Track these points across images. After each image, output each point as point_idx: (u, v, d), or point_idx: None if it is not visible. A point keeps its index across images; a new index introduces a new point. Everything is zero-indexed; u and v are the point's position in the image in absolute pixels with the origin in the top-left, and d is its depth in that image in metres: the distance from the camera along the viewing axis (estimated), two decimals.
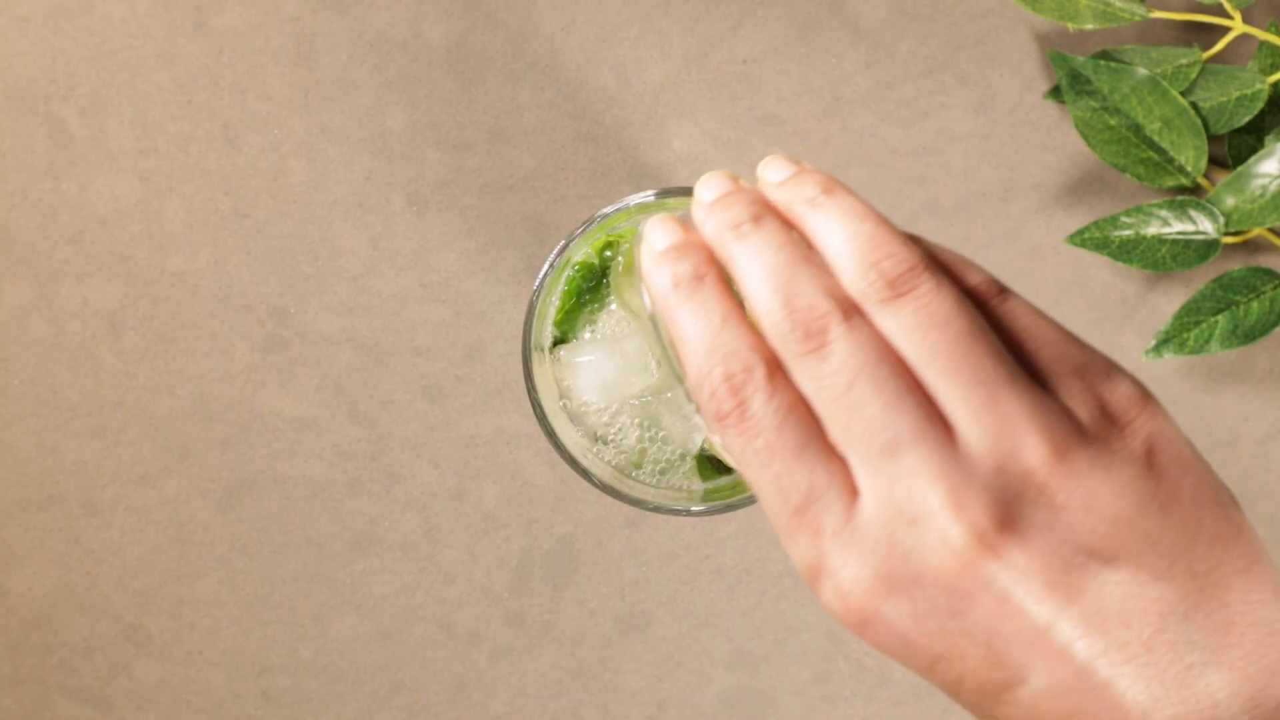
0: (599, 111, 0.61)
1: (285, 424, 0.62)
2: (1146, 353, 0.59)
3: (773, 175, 0.36)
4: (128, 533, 0.62)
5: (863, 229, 0.33)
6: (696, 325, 0.34)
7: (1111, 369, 0.32)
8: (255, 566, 0.62)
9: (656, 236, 0.36)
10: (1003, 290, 0.33)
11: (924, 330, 0.32)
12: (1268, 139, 0.59)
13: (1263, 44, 0.59)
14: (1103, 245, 0.59)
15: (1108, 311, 0.61)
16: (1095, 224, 0.59)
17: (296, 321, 0.61)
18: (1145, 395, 0.32)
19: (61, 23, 0.61)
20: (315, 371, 0.61)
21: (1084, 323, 0.61)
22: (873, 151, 0.61)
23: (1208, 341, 0.59)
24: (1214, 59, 0.60)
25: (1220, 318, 0.59)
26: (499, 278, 0.61)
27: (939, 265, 0.33)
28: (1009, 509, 0.30)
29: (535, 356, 0.52)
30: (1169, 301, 0.61)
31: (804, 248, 0.34)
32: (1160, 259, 0.59)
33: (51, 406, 0.62)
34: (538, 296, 0.51)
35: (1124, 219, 0.59)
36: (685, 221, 0.37)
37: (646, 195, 0.51)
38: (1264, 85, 0.58)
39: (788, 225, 0.35)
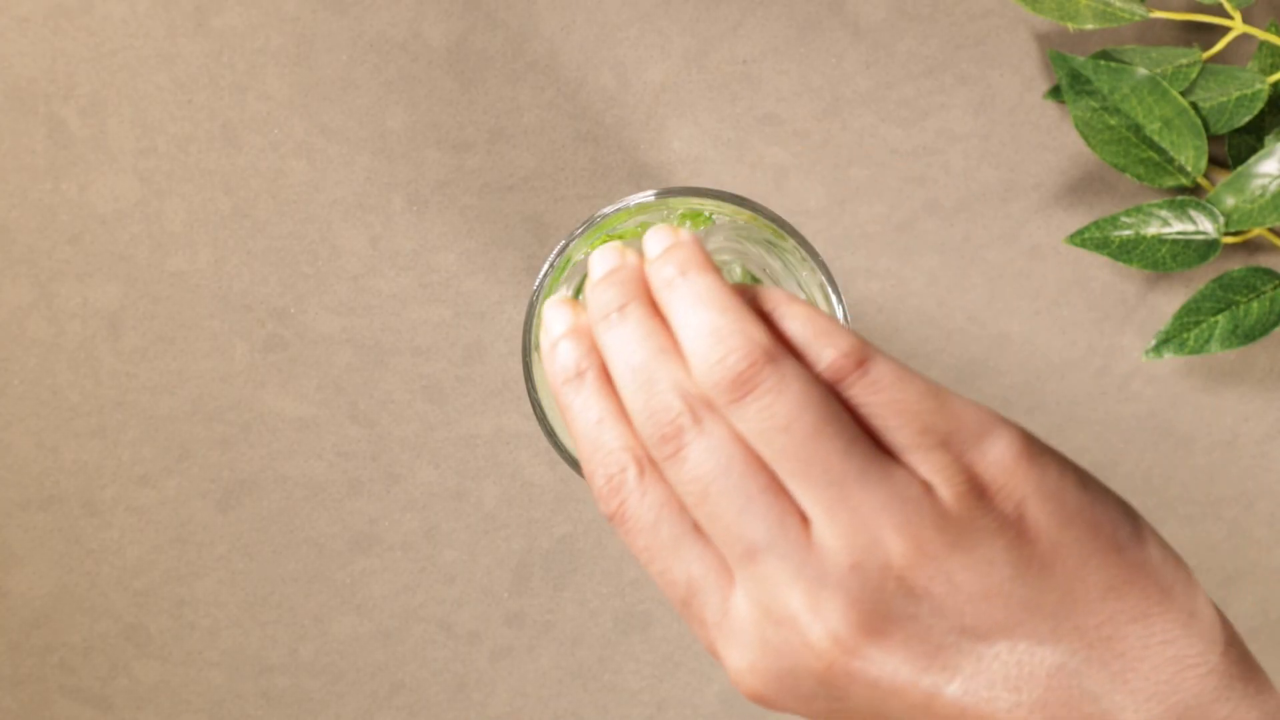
0: (599, 111, 0.61)
1: (285, 424, 0.62)
2: (1146, 353, 0.60)
3: (649, 248, 0.37)
4: (128, 533, 0.62)
5: (707, 319, 0.33)
6: (579, 422, 0.35)
7: (983, 431, 0.31)
8: (255, 566, 0.62)
9: (552, 320, 0.37)
10: (862, 361, 0.32)
11: (770, 433, 0.31)
12: (1268, 139, 0.59)
13: (1263, 44, 0.59)
14: (1103, 245, 0.59)
15: (1108, 311, 0.61)
16: (1095, 224, 0.59)
17: (296, 321, 0.61)
18: (1019, 454, 0.31)
19: (61, 23, 0.61)
20: (315, 371, 0.61)
21: (1084, 323, 0.61)
22: (873, 151, 0.61)
23: (1208, 341, 0.59)
24: (1214, 59, 0.60)
25: (1220, 318, 0.59)
26: (499, 278, 0.61)
27: (787, 351, 0.32)
28: (868, 607, 0.30)
29: (535, 356, 0.52)
30: (1169, 301, 0.61)
31: (664, 338, 0.34)
32: (1160, 259, 0.59)
33: (51, 406, 0.62)
34: (538, 296, 0.51)
35: (1124, 219, 0.59)
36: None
37: (646, 195, 0.51)
38: (1264, 85, 0.58)
39: (655, 310, 0.35)
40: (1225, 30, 0.60)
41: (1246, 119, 0.58)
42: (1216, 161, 0.61)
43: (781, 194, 0.61)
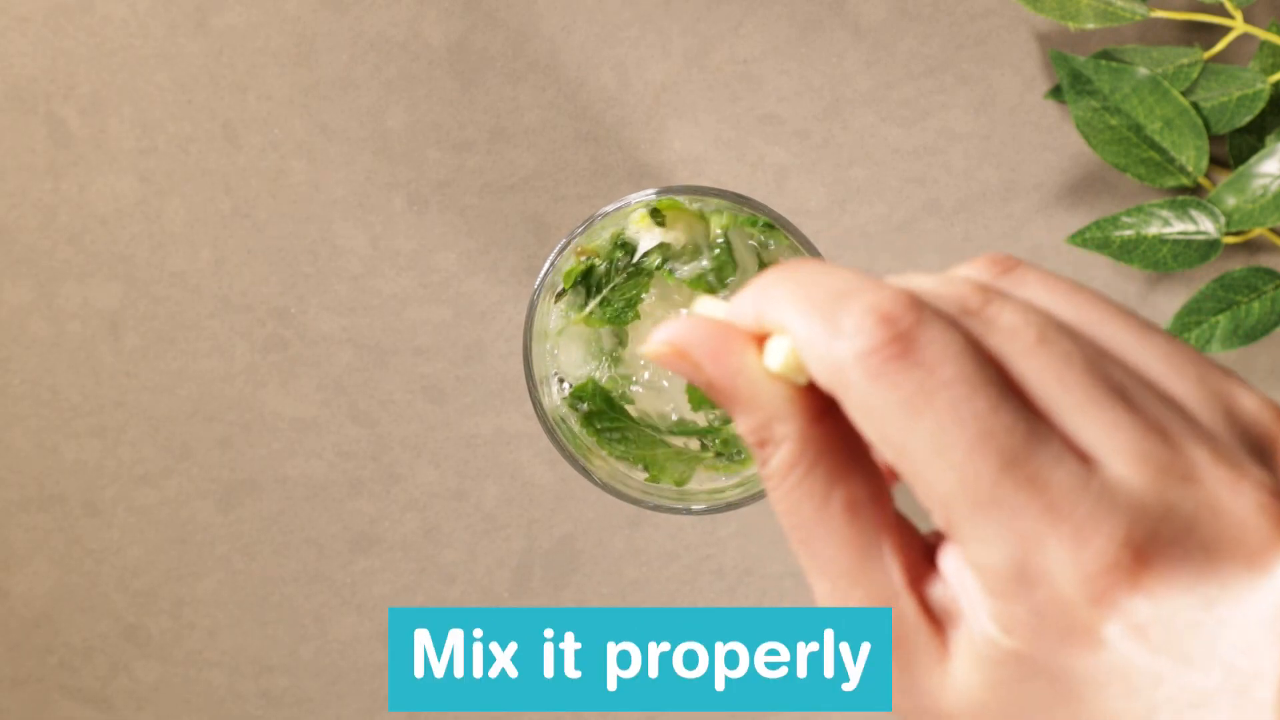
0: (599, 111, 0.61)
1: (285, 424, 0.62)
2: None
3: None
4: (128, 533, 0.62)
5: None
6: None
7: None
8: (255, 566, 0.62)
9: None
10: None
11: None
12: (1269, 139, 0.59)
13: (1264, 44, 0.59)
14: (1104, 245, 0.59)
15: None
16: (1096, 224, 0.59)
17: (296, 321, 0.61)
18: None
19: (61, 23, 0.61)
20: (315, 371, 0.61)
21: None
22: (873, 151, 0.61)
23: (1209, 342, 0.59)
24: (1215, 59, 0.60)
25: (1221, 318, 0.59)
26: (499, 278, 0.61)
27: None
28: (1147, 530, 0.25)
29: (535, 351, 0.52)
30: (1170, 301, 0.61)
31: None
32: (1161, 259, 0.59)
33: (51, 406, 0.62)
34: (538, 296, 0.51)
35: (1125, 219, 0.59)
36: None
37: (647, 195, 0.51)
38: (1265, 85, 0.58)
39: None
40: (1226, 30, 0.60)
41: (1247, 119, 0.58)
42: (1217, 161, 0.61)
43: (781, 194, 0.61)
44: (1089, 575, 0.25)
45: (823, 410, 0.29)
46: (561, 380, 0.53)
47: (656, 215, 0.52)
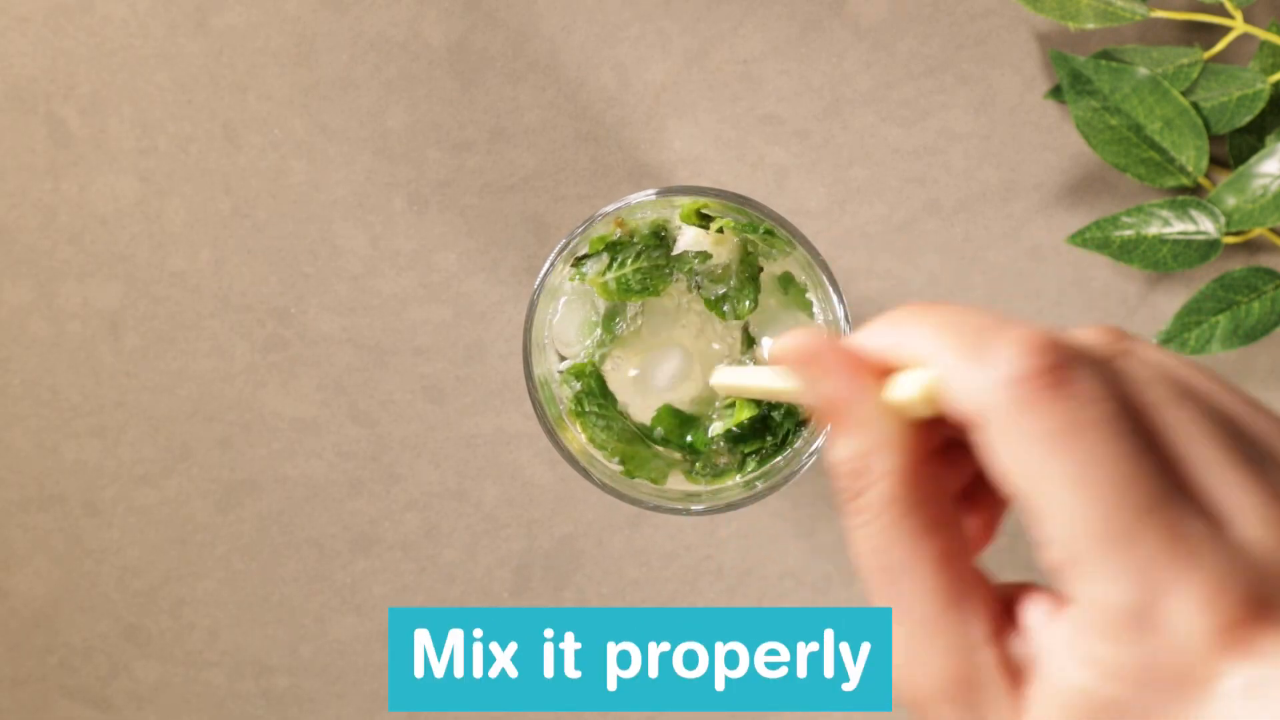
0: (599, 111, 0.61)
1: (285, 424, 0.62)
2: None
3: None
4: (128, 533, 0.62)
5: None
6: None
7: None
8: (255, 566, 0.62)
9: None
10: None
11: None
12: (1269, 139, 0.59)
13: (1264, 44, 0.59)
14: (1104, 245, 0.59)
15: (1109, 311, 0.61)
16: (1096, 224, 0.59)
17: (296, 321, 0.61)
18: None
19: (61, 23, 0.61)
20: (315, 371, 0.61)
21: (1085, 323, 0.61)
22: (873, 151, 0.61)
23: (1209, 342, 0.59)
24: (1215, 59, 0.60)
25: (1221, 318, 0.59)
26: (499, 278, 0.61)
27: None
28: (1258, 590, 0.26)
29: (535, 355, 0.52)
30: (1170, 301, 0.61)
31: None
32: (1161, 259, 0.59)
33: (51, 406, 0.62)
34: (538, 296, 0.51)
35: (1125, 219, 0.59)
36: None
37: (647, 194, 0.51)
38: (1265, 85, 0.58)
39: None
40: (1226, 30, 0.60)
41: (1247, 119, 0.58)
42: (1217, 161, 0.61)
43: (781, 194, 0.61)
44: (1214, 627, 0.25)
45: (927, 454, 0.29)
46: (561, 357, 0.53)
47: (702, 217, 0.52)
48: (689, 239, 0.52)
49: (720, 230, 0.52)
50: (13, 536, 0.62)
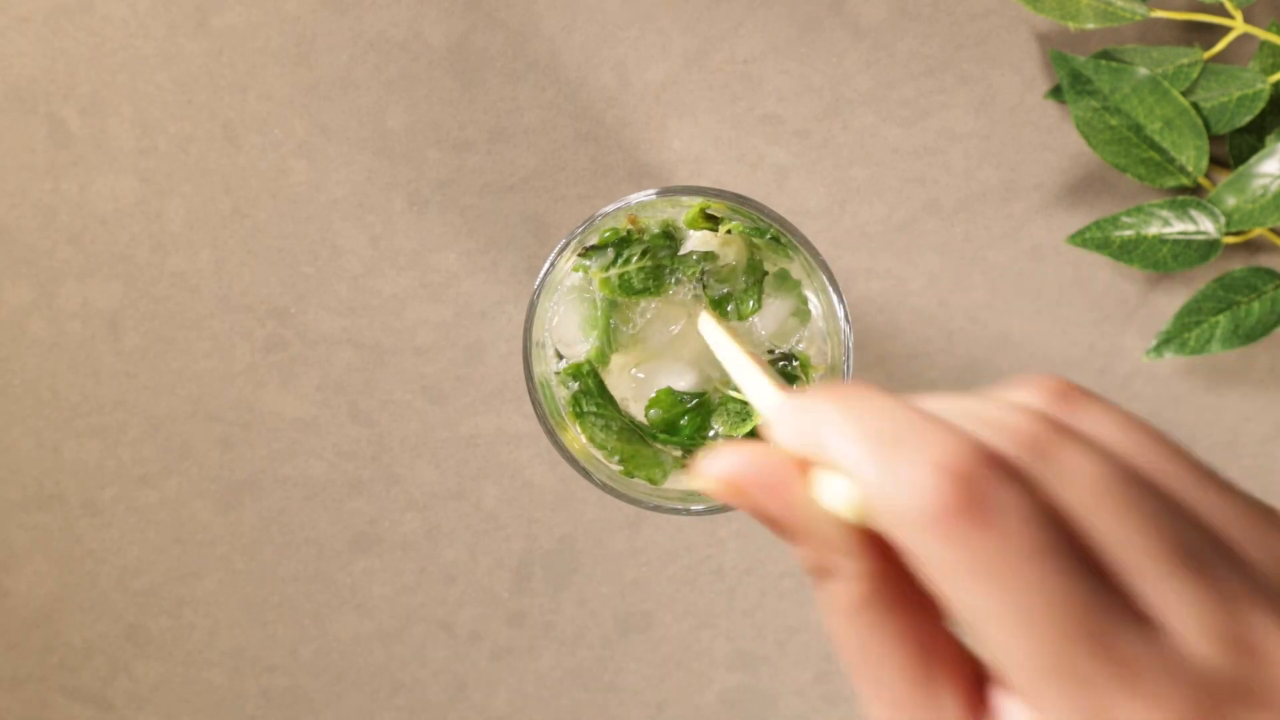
0: (599, 111, 0.61)
1: (285, 424, 0.62)
2: (1147, 353, 0.59)
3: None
4: (128, 533, 0.62)
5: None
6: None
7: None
8: (255, 566, 0.62)
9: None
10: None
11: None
12: (1269, 139, 0.59)
13: (1264, 44, 0.59)
14: (1104, 245, 0.59)
15: (1109, 312, 0.61)
16: (1096, 224, 0.59)
17: (296, 321, 0.61)
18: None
19: (61, 23, 0.61)
20: (315, 371, 0.61)
21: (1085, 323, 0.61)
22: (873, 151, 0.61)
23: (1209, 342, 0.59)
24: (1215, 59, 0.60)
25: (1221, 318, 0.59)
26: (499, 278, 0.61)
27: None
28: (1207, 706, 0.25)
29: (535, 355, 0.52)
30: (1170, 301, 0.61)
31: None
32: (1161, 259, 0.59)
33: (51, 406, 0.62)
34: (538, 296, 0.51)
35: (1125, 219, 0.59)
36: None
37: (647, 194, 0.51)
38: (1265, 85, 0.58)
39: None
40: (1226, 30, 0.60)
41: (1247, 119, 0.58)
42: (1217, 161, 0.61)
43: (781, 194, 0.61)
44: None
45: (887, 544, 0.28)
46: (560, 356, 0.53)
47: (709, 218, 0.52)
48: (696, 239, 0.52)
49: (729, 232, 0.52)
50: (13, 536, 0.62)
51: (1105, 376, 0.61)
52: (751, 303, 0.52)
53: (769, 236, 0.51)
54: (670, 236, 0.52)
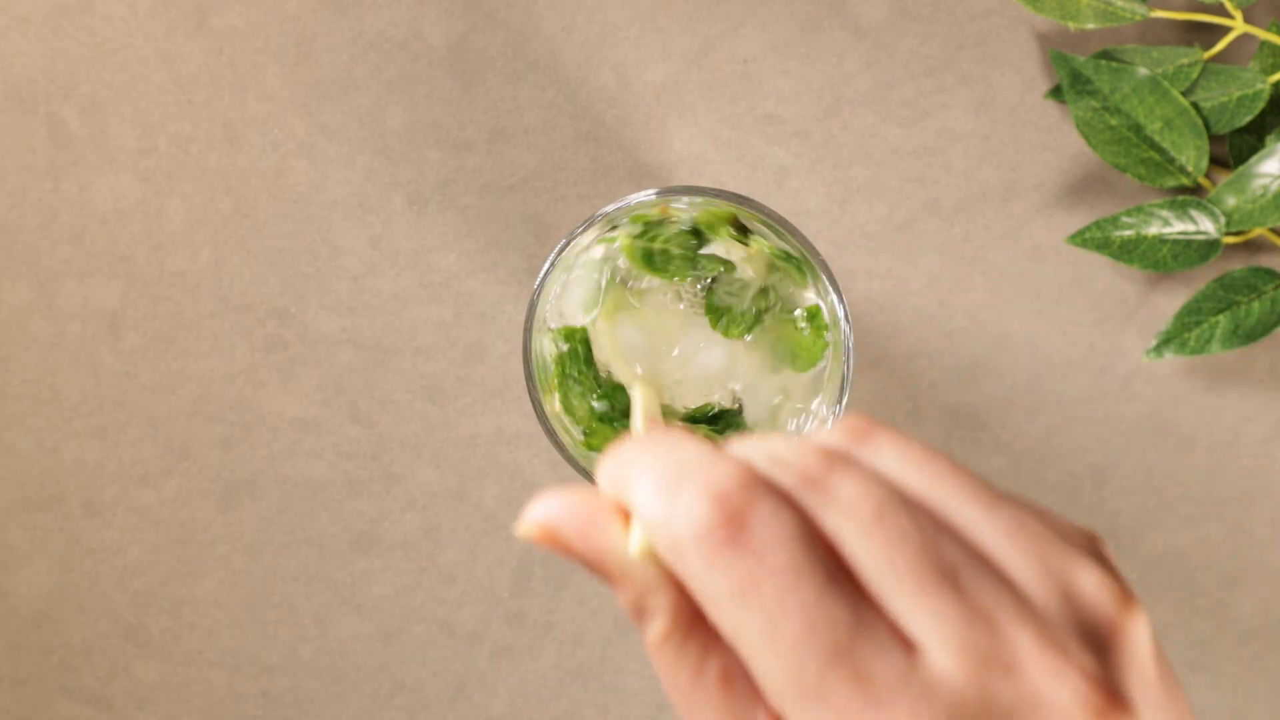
0: (599, 111, 0.61)
1: (285, 424, 0.62)
2: (1147, 353, 0.59)
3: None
4: (128, 533, 0.62)
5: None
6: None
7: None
8: (255, 566, 0.62)
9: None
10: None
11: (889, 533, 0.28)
12: (1269, 139, 0.59)
13: (1264, 44, 0.59)
14: (1104, 245, 0.59)
15: (1109, 312, 0.61)
16: (1096, 224, 0.59)
17: (296, 321, 0.61)
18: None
19: (61, 23, 0.61)
20: (315, 371, 0.61)
21: (1085, 323, 0.61)
22: (873, 151, 0.61)
23: (1209, 342, 0.59)
24: (1215, 59, 0.60)
25: (1221, 318, 0.59)
26: (499, 278, 0.61)
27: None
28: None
29: (535, 354, 0.52)
30: (1170, 301, 0.61)
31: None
32: (1161, 259, 0.59)
33: (51, 406, 0.62)
34: (538, 296, 0.51)
35: (1125, 219, 0.59)
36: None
37: (647, 194, 0.51)
38: (1265, 85, 0.58)
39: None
40: (1226, 30, 0.60)
41: (1248, 119, 0.58)
42: (1217, 161, 0.61)
43: (781, 194, 0.61)
44: None
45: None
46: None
47: (739, 228, 0.52)
48: (718, 246, 0.52)
49: (758, 250, 0.52)
50: (13, 536, 0.62)
51: (1105, 376, 0.61)
52: (743, 331, 0.52)
53: (794, 261, 0.52)
54: (698, 235, 0.52)
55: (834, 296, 0.51)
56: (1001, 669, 0.25)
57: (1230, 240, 0.59)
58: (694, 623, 0.28)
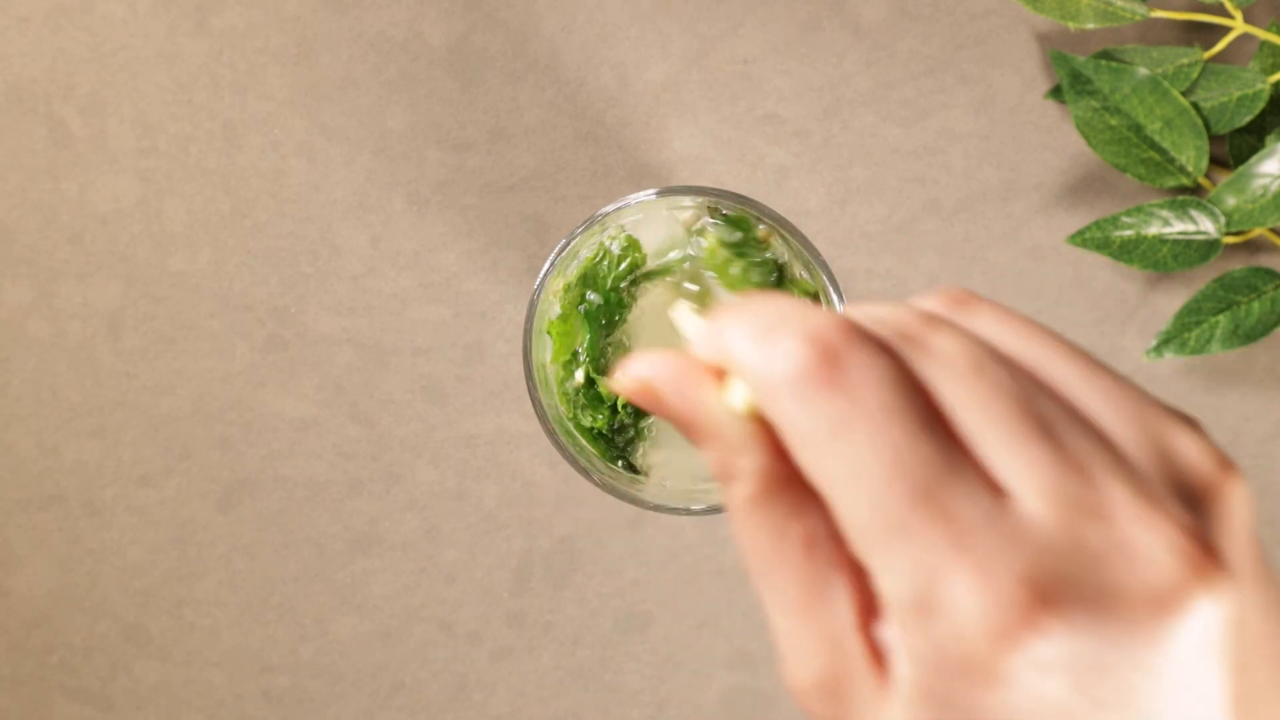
0: (599, 111, 0.61)
1: (285, 424, 0.62)
2: (1147, 353, 0.59)
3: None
4: (128, 533, 0.62)
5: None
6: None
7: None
8: (255, 566, 0.62)
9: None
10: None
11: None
12: (1269, 139, 0.59)
13: (1264, 44, 0.59)
14: (1104, 245, 0.59)
15: (1109, 312, 0.61)
16: (1096, 224, 0.59)
17: (296, 321, 0.61)
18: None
19: (61, 23, 0.61)
20: (315, 371, 0.61)
21: (1085, 323, 0.61)
22: (873, 151, 0.61)
23: (1209, 342, 0.59)
24: (1215, 59, 0.60)
25: (1221, 318, 0.59)
26: (499, 278, 0.61)
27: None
28: (1050, 572, 0.25)
29: (535, 354, 0.52)
30: (1170, 301, 0.61)
31: None
32: (1161, 259, 0.59)
33: (51, 406, 0.62)
34: (538, 296, 0.51)
35: (1125, 219, 0.59)
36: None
37: (647, 194, 0.51)
38: (1265, 85, 0.58)
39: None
40: (1226, 30, 0.60)
41: (1248, 119, 0.58)
42: (1217, 161, 0.61)
43: (781, 194, 0.61)
44: (987, 611, 0.25)
45: (780, 443, 0.28)
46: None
47: (750, 229, 0.52)
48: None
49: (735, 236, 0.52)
50: (13, 536, 0.62)
51: None
52: (706, 300, 0.52)
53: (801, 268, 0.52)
54: (781, 277, 0.52)
55: (834, 296, 0.51)
56: (1093, 515, 0.25)
57: (1230, 240, 0.59)
58: (781, 486, 0.28)
